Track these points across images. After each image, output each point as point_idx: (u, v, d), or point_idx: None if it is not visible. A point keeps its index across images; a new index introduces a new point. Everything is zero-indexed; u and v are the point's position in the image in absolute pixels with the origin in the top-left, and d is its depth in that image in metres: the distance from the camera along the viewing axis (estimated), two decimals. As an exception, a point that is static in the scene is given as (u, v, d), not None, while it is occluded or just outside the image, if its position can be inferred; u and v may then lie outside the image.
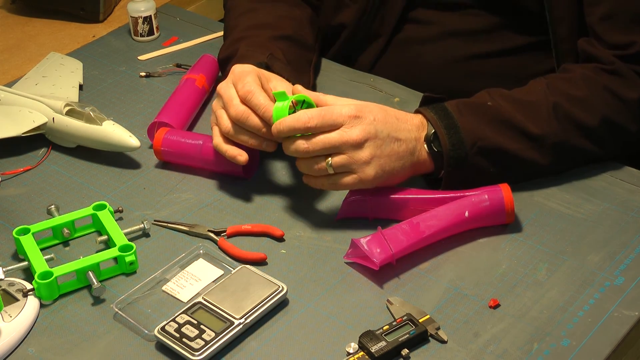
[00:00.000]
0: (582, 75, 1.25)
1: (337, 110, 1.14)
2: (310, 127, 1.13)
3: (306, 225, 1.20)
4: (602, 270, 1.11)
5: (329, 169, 1.15)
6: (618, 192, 1.23)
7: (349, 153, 1.14)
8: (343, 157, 1.14)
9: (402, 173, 1.18)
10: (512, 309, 1.07)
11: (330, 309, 1.08)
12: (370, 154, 1.14)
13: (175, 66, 1.53)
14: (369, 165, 1.14)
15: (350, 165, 1.14)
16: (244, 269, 1.11)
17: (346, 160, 1.14)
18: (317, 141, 1.14)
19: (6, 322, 1.06)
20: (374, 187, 1.17)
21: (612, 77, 1.24)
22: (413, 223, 1.14)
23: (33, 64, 1.55)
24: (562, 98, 1.22)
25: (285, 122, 1.14)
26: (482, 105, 1.21)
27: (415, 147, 1.18)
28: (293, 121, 1.13)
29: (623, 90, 1.23)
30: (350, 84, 1.46)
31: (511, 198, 1.16)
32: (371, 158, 1.14)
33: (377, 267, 1.10)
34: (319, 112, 1.14)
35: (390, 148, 1.15)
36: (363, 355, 1.01)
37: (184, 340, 1.02)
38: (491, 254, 1.15)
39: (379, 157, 1.15)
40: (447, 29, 1.42)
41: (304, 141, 1.14)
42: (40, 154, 1.36)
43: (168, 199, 1.26)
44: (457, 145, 1.17)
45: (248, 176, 1.27)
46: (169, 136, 1.30)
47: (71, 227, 1.20)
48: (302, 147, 1.14)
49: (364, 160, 1.14)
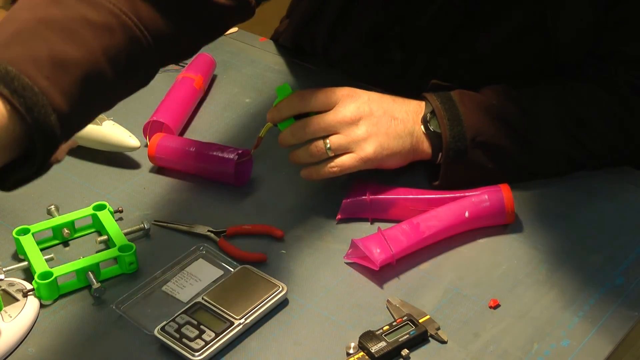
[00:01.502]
0: (591, 93, 1.23)
1: (330, 90, 1.16)
2: (305, 104, 1.16)
3: (306, 225, 1.20)
4: (602, 270, 1.11)
5: (328, 152, 1.15)
6: (618, 192, 1.23)
7: (345, 131, 1.15)
8: (340, 136, 1.15)
9: (402, 153, 1.18)
10: (512, 309, 1.07)
11: (330, 309, 1.08)
12: (367, 131, 1.15)
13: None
14: (367, 142, 1.15)
15: (348, 144, 1.15)
16: (244, 269, 1.11)
17: (343, 139, 1.15)
18: (312, 122, 1.15)
19: (6, 322, 1.06)
20: (375, 166, 1.17)
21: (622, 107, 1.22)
22: (413, 223, 1.14)
23: (33, 64, 1.55)
24: (569, 117, 1.21)
25: (280, 105, 1.17)
26: (487, 102, 1.20)
27: (414, 128, 1.18)
28: (288, 102, 1.17)
29: (631, 123, 1.22)
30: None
31: (511, 198, 1.16)
32: (368, 135, 1.15)
33: (377, 268, 1.10)
34: (312, 91, 1.16)
35: (387, 125, 1.16)
36: (363, 355, 1.01)
37: (184, 341, 1.02)
38: (491, 254, 1.15)
39: (376, 134, 1.15)
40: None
41: (299, 124, 1.16)
42: (40, 154, 1.36)
43: (168, 199, 1.26)
44: (457, 137, 1.17)
45: (239, 184, 1.27)
46: (163, 142, 1.30)
47: (71, 227, 1.20)
48: (298, 130, 1.16)
49: (361, 137, 1.15)
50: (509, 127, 1.19)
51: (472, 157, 1.18)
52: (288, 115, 1.18)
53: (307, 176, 1.20)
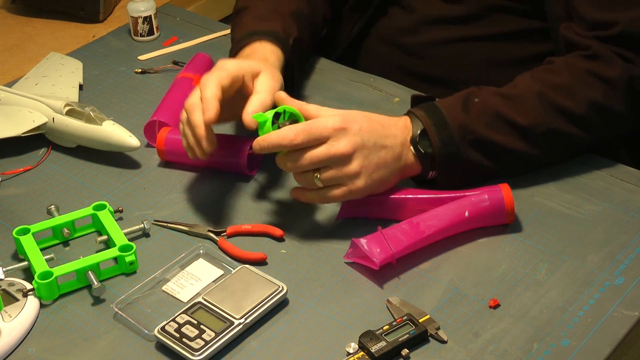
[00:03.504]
0: (563, 63, 1.25)
1: (321, 123, 1.12)
2: (296, 144, 1.11)
3: (306, 225, 1.20)
4: (602, 270, 1.11)
5: (318, 183, 1.14)
6: (618, 192, 1.23)
7: (337, 167, 1.13)
8: (332, 172, 1.13)
9: (390, 179, 1.17)
10: (512, 309, 1.07)
11: (330, 309, 1.08)
12: (359, 165, 1.13)
13: (172, 63, 1.53)
14: (359, 177, 1.14)
15: (339, 178, 1.13)
16: (244, 269, 1.11)
17: (335, 174, 1.13)
18: (304, 157, 1.12)
19: (6, 322, 1.06)
20: (363, 197, 1.16)
21: (591, 61, 1.23)
22: (413, 223, 1.14)
23: (33, 64, 1.55)
24: (546, 87, 1.22)
25: (270, 139, 1.12)
26: (469, 100, 1.21)
27: (402, 152, 1.17)
28: (278, 138, 1.11)
29: (604, 71, 1.22)
30: (350, 84, 1.46)
31: (511, 198, 1.16)
32: (360, 169, 1.13)
33: (377, 267, 1.10)
34: (304, 127, 1.12)
35: (378, 157, 1.15)
36: (363, 355, 1.01)
37: (184, 340, 1.02)
38: (491, 254, 1.15)
39: (367, 167, 1.14)
40: (432, 16, 1.43)
41: (290, 158, 1.13)
42: (40, 154, 1.36)
43: (168, 199, 1.26)
44: (447, 141, 1.17)
45: (252, 172, 1.27)
46: (171, 135, 1.30)
47: (71, 227, 1.20)
48: (288, 165, 1.13)
49: (353, 173, 1.13)
50: (495, 116, 1.19)
51: (466, 158, 1.18)
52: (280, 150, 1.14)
53: (296, 198, 1.19)
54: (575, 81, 1.22)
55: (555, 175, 1.25)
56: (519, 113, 1.20)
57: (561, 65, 1.25)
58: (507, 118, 1.20)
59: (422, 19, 1.45)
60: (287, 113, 1.14)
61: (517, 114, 1.20)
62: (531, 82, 1.23)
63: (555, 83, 1.22)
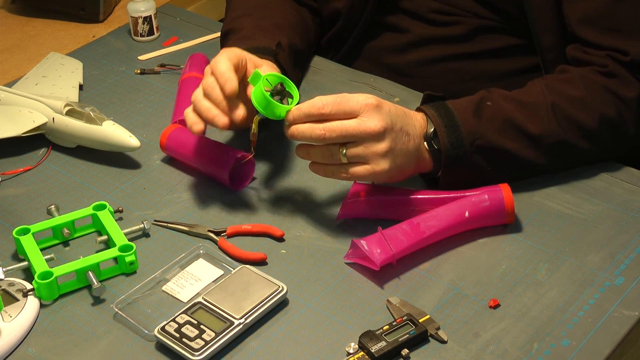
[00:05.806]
0: (579, 75, 1.25)
1: (353, 98, 1.12)
2: (324, 113, 1.10)
3: (306, 225, 1.20)
4: (602, 270, 1.11)
5: (342, 158, 1.12)
6: (618, 192, 1.23)
7: (366, 144, 1.11)
8: (360, 148, 1.11)
9: (407, 169, 1.17)
10: (512, 309, 1.07)
11: (330, 309, 1.08)
12: (388, 146, 1.12)
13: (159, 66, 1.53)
14: (385, 158, 1.12)
15: (366, 156, 1.12)
16: (244, 269, 1.11)
17: (362, 151, 1.12)
18: (334, 128, 1.11)
19: (6, 322, 1.06)
20: (383, 181, 1.16)
21: (608, 78, 1.24)
22: (413, 223, 1.14)
23: (33, 64, 1.55)
24: (561, 98, 1.22)
25: (301, 109, 1.11)
26: (482, 104, 1.21)
27: (420, 144, 1.17)
28: (308, 107, 1.11)
29: (621, 90, 1.23)
30: (350, 84, 1.46)
31: (511, 198, 1.16)
32: (387, 150, 1.12)
33: (377, 268, 1.10)
34: (334, 99, 1.11)
35: (402, 142, 1.14)
36: (363, 355, 1.01)
37: (184, 340, 1.02)
38: (491, 254, 1.15)
39: (394, 150, 1.13)
40: (423, 37, 1.44)
41: (320, 127, 1.11)
42: (40, 154, 1.36)
43: (168, 199, 1.26)
44: (456, 144, 1.17)
45: (235, 187, 1.26)
46: (176, 132, 1.30)
47: (71, 227, 1.20)
48: (317, 132, 1.11)
49: (381, 152, 1.12)
50: (506, 123, 1.19)
51: (472, 162, 1.18)
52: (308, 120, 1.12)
53: (315, 171, 1.17)
54: (590, 95, 1.22)
55: (555, 176, 1.25)
56: (531, 121, 1.20)
57: (576, 77, 1.24)
58: (518, 125, 1.19)
59: (413, 39, 1.45)
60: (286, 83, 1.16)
61: (530, 122, 1.20)
62: (545, 91, 1.22)
63: (570, 95, 1.22)
